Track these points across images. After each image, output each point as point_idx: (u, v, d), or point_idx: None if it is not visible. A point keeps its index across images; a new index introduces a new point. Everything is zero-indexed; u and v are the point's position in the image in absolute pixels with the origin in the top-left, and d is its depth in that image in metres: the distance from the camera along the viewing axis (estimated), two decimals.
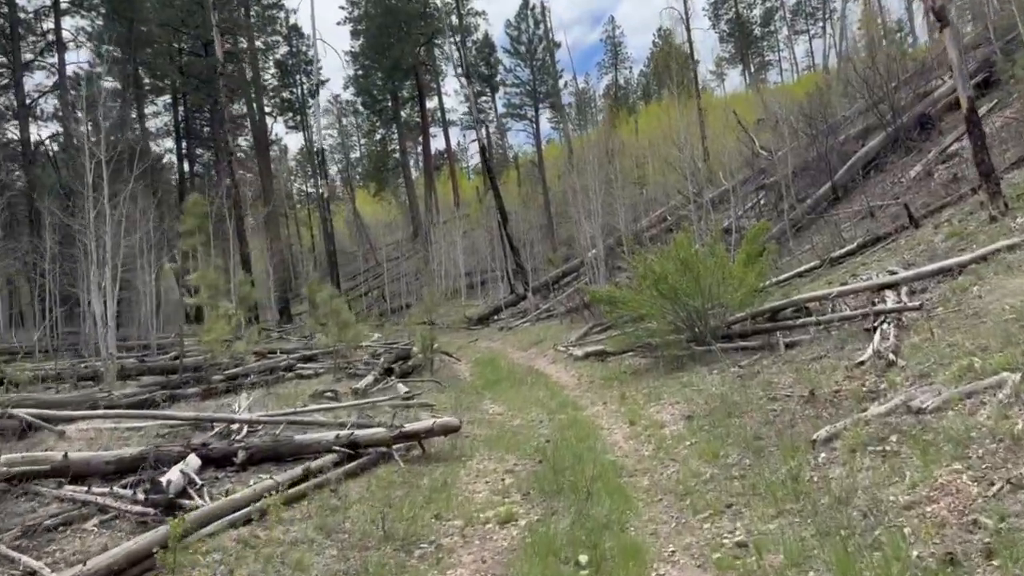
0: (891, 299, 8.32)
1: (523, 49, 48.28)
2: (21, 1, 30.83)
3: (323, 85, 60.58)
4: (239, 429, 7.42)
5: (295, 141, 72.51)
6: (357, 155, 58.39)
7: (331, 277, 29.87)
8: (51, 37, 31.84)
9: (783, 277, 13.13)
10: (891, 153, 17.93)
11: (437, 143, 55.60)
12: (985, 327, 6.19)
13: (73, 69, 32.46)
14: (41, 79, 32.86)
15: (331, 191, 50.56)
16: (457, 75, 53.01)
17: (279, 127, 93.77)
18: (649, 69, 58.51)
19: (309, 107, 44.25)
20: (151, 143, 37.13)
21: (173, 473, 5.30)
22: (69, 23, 32.91)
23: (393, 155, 52.25)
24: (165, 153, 40.89)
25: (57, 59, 31.57)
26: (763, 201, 21.36)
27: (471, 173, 61.89)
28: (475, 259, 38.12)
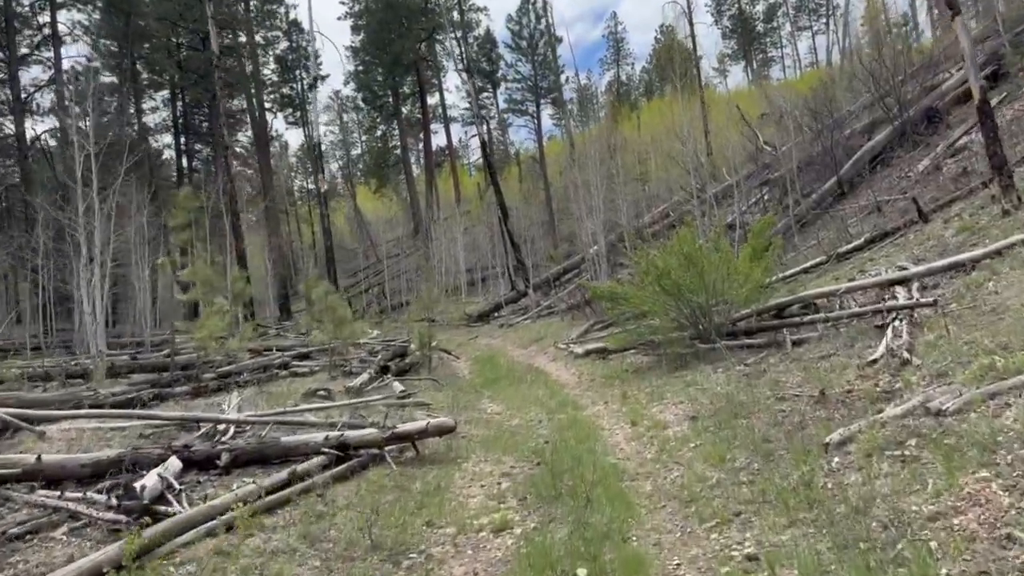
0: (902, 295, 8.05)
1: (524, 44, 47.90)
2: None
3: (323, 80, 60.06)
4: (226, 430, 7.15)
5: (296, 137, 72.13)
6: (358, 151, 58.14)
7: (328, 273, 29.57)
8: (47, 31, 31.65)
9: (788, 273, 12.84)
10: (898, 147, 17.59)
11: (438, 139, 55.47)
12: (1004, 324, 5.91)
13: (70, 64, 32.24)
14: (37, 73, 32.71)
15: (332, 187, 50.26)
16: (458, 71, 52.61)
17: (279, 123, 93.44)
18: (651, 65, 58.13)
19: (309, 102, 43.95)
20: (150, 139, 36.90)
21: (150, 478, 5.02)
22: (65, 17, 32.72)
23: (394, 151, 51.96)
24: (164, 149, 40.74)
25: (53, 53, 31.40)
26: (767, 196, 21.05)
27: (472, 169, 61.49)
28: (476, 256, 37.84)
